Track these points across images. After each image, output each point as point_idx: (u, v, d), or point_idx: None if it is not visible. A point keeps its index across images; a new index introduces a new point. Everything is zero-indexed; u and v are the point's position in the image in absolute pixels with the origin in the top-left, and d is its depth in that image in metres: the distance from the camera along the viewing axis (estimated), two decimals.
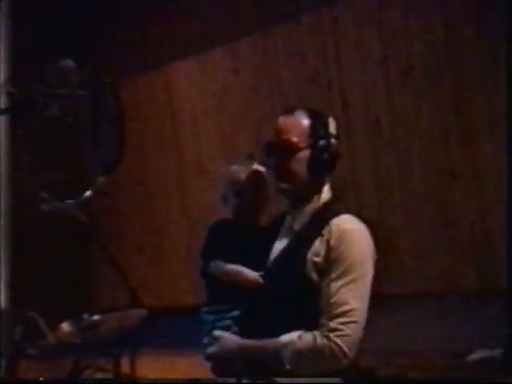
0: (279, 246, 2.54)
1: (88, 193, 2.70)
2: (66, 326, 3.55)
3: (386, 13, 4.61)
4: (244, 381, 2.29)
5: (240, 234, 2.66)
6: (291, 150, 2.47)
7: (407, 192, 4.50)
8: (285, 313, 2.37)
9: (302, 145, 2.47)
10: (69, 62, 2.39)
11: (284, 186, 2.48)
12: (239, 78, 5.36)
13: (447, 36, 4.36)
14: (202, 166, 5.65)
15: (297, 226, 2.51)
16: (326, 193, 2.55)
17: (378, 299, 4.70)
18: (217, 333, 2.47)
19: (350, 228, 2.42)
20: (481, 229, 4.22)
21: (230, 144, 5.41)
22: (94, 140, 2.72)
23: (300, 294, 2.37)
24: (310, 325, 2.32)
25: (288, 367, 2.27)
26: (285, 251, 2.50)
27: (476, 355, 3.87)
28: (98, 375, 3.43)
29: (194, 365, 4.08)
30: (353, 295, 2.34)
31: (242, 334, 2.45)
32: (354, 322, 2.31)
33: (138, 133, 5.77)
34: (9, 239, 6.10)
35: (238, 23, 5.42)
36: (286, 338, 2.30)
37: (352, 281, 2.35)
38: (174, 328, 5.05)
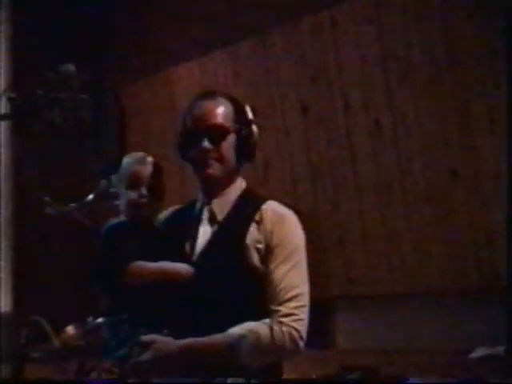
0: (203, 237, 2.38)
1: (90, 196, 2.73)
2: (70, 329, 3.57)
3: (385, 13, 4.62)
4: (253, 381, 2.13)
5: (142, 234, 2.47)
6: (222, 134, 2.37)
7: (408, 191, 4.51)
8: (224, 305, 2.24)
9: (230, 129, 2.38)
10: (70, 67, 2.41)
11: (214, 172, 2.36)
12: (239, 80, 5.37)
13: (446, 36, 4.36)
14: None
15: (220, 215, 2.39)
16: (243, 180, 2.47)
17: (380, 299, 4.74)
18: (146, 337, 2.19)
19: (286, 212, 2.35)
20: (481, 228, 4.22)
21: None
22: (96, 144, 2.74)
23: (242, 283, 2.25)
24: (253, 313, 2.21)
25: (246, 360, 2.14)
26: (214, 241, 2.35)
27: (477, 353, 3.87)
28: (104, 377, 3.44)
29: None
30: (299, 279, 2.27)
31: (174, 336, 2.21)
32: (305, 305, 2.25)
33: (139, 135, 5.78)
34: (13, 243, 6.12)
35: (238, 26, 5.42)
36: (236, 330, 2.16)
37: (296, 264, 2.29)
38: None
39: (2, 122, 2.22)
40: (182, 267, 2.29)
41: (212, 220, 2.39)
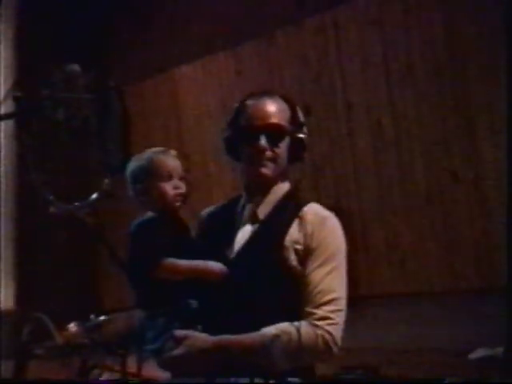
0: (243, 236, 2.39)
1: (94, 195, 2.75)
2: (73, 327, 3.59)
3: (387, 14, 4.64)
4: (257, 380, 2.12)
5: (176, 228, 2.49)
6: (280, 134, 2.38)
7: (408, 192, 4.52)
8: (259, 304, 2.24)
9: (288, 130, 2.40)
10: (74, 67, 2.42)
11: (268, 172, 2.37)
12: (242, 80, 5.39)
13: (448, 36, 4.38)
14: (207, 167, 5.68)
15: (262, 214, 2.39)
16: (288, 181, 2.49)
17: (380, 298, 4.75)
18: (179, 332, 2.22)
19: (328, 215, 2.36)
20: (481, 228, 4.23)
21: None
22: (100, 143, 2.76)
23: (278, 283, 2.25)
24: (290, 314, 2.21)
25: (278, 360, 2.13)
26: (254, 240, 2.36)
27: (477, 354, 3.88)
28: (106, 375, 3.46)
29: None
30: (337, 283, 2.26)
31: (208, 332, 2.23)
32: (341, 310, 2.25)
33: (143, 135, 5.80)
34: (16, 241, 6.16)
35: (241, 27, 5.45)
36: (270, 330, 2.16)
37: (335, 268, 2.28)
38: None
39: (6, 120, 2.23)
40: (216, 266, 2.30)
41: (253, 219, 2.40)
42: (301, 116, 2.45)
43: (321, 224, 2.32)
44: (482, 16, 4.23)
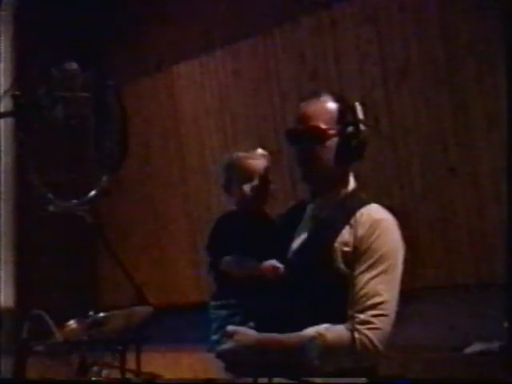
0: (301, 235, 2.41)
1: (92, 193, 2.76)
2: (72, 324, 3.61)
3: (384, 12, 4.66)
4: (260, 380, 2.13)
5: (250, 225, 2.54)
6: (319, 137, 2.35)
7: (406, 190, 4.54)
8: (309, 305, 2.24)
9: (331, 132, 2.36)
10: (72, 65, 2.44)
11: (311, 174, 2.37)
12: (240, 78, 5.41)
13: (445, 34, 4.39)
14: (205, 165, 5.70)
15: (321, 215, 2.39)
16: (351, 181, 2.45)
17: None
18: (230, 328, 2.29)
19: (381, 218, 2.34)
20: (478, 225, 4.25)
21: (232, 143, 5.45)
22: (98, 141, 2.77)
23: (326, 285, 2.25)
24: (337, 317, 2.20)
25: (315, 362, 2.13)
26: (309, 241, 2.37)
27: (474, 348, 3.90)
28: (105, 371, 3.48)
29: (198, 361, 4.14)
30: (384, 287, 2.23)
31: (259, 329, 2.29)
32: (386, 315, 2.22)
33: (140, 134, 5.83)
34: (15, 239, 6.17)
35: (238, 25, 5.46)
36: (311, 331, 2.17)
37: (383, 272, 2.25)
38: (179, 325, 5.09)
39: (4, 119, 2.25)
40: (271, 266, 2.34)
41: (312, 219, 2.42)
42: (358, 113, 2.38)
43: (371, 227, 2.29)
44: (479, 13, 4.23)
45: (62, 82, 2.39)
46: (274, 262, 2.36)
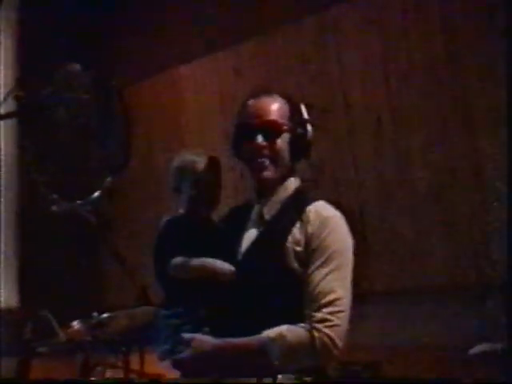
0: (249, 236, 2.38)
1: (96, 193, 2.77)
2: (76, 324, 3.61)
3: (387, 14, 4.66)
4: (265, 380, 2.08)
5: (199, 228, 2.52)
6: (277, 131, 2.35)
7: (408, 190, 4.54)
8: (263, 306, 2.22)
9: (285, 128, 2.37)
10: (75, 66, 2.44)
11: (269, 174, 2.35)
12: (241, 79, 5.41)
13: (446, 35, 4.39)
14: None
15: (268, 215, 2.37)
16: (296, 179, 2.45)
17: (380, 295, 4.76)
18: (187, 335, 2.23)
19: (330, 215, 2.32)
20: (481, 225, 4.25)
21: None
22: (102, 142, 2.78)
23: (280, 285, 2.23)
24: (292, 317, 2.19)
25: (276, 363, 2.10)
26: (258, 241, 2.35)
27: (476, 349, 3.89)
28: (108, 372, 3.48)
29: None
30: (338, 283, 2.23)
31: (214, 334, 2.24)
32: (342, 311, 2.21)
33: (144, 134, 5.83)
34: (19, 239, 6.18)
35: (240, 26, 5.47)
36: (271, 332, 2.14)
37: (336, 268, 2.24)
38: None
39: (7, 119, 2.25)
40: (223, 267, 2.30)
41: (260, 219, 2.39)
42: (304, 113, 2.42)
43: (321, 224, 2.28)
44: (481, 15, 4.24)
45: (65, 83, 2.40)
46: (224, 264, 2.32)
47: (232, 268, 2.30)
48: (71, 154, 5.95)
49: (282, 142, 2.37)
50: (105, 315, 3.53)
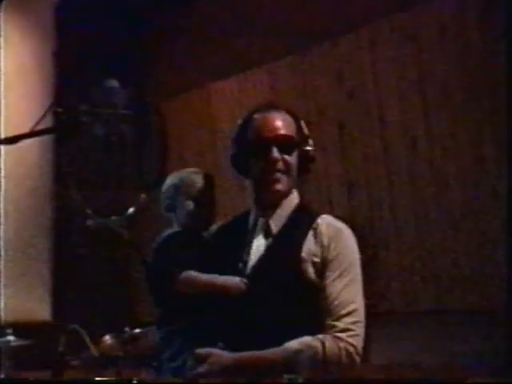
0: (258, 250, 2.36)
1: (131, 209, 2.79)
2: (108, 339, 3.63)
3: (424, 32, 4.63)
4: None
5: (199, 244, 2.52)
6: (292, 145, 2.39)
7: (444, 210, 4.50)
8: (279, 318, 2.22)
9: (297, 142, 2.42)
10: (113, 83, 2.46)
11: (282, 187, 2.37)
12: (277, 97, 5.41)
13: (484, 57, 4.35)
14: (241, 180, 5.70)
15: (275, 228, 2.37)
16: (297, 194, 2.48)
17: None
18: (202, 350, 2.19)
19: (343, 227, 2.37)
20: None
21: None
22: (137, 158, 2.80)
23: (297, 296, 2.25)
24: (310, 327, 2.20)
25: (305, 375, 2.02)
26: (270, 254, 2.33)
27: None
28: None
29: None
30: (355, 294, 2.26)
31: (231, 349, 2.21)
32: (361, 321, 2.24)
33: (178, 151, 5.85)
34: (53, 253, 6.23)
35: (277, 43, 5.48)
36: (294, 344, 2.15)
37: (353, 280, 2.27)
38: None
39: (47, 135, 2.27)
40: (235, 281, 2.29)
41: (267, 233, 2.39)
42: (305, 129, 2.46)
43: (336, 236, 2.32)
44: None
45: (103, 99, 2.42)
46: (236, 279, 2.30)
47: (242, 283, 2.29)
48: (107, 170, 6.01)
49: (294, 156, 2.40)
50: (137, 330, 3.55)
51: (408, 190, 4.69)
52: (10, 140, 2.14)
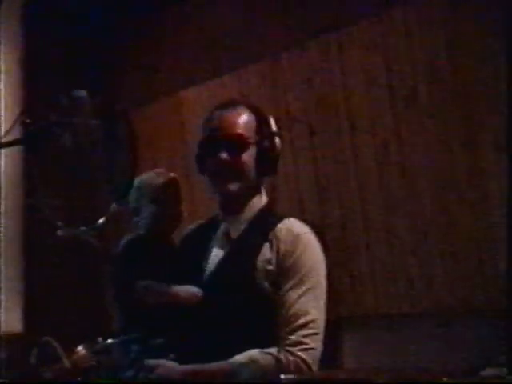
0: (216, 256, 2.28)
1: (102, 219, 2.77)
2: (81, 350, 3.60)
3: (391, 38, 4.67)
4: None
5: (160, 248, 2.44)
6: (242, 144, 2.25)
7: (414, 214, 4.53)
8: (232, 329, 2.13)
9: (250, 141, 2.28)
10: (81, 92, 2.44)
11: (233, 187, 2.26)
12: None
13: (452, 60, 4.39)
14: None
15: (235, 233, 2.27)
16: (264, 196, 2.35)
17: (388, 318, 4.73)
18: (151, 362, 2.17)
19: (302, 232, 2.23)
20: (486, 248, 4.22)
21: None
22: (107, 168, 2.78)
23: (250, 307, 2.14)
24: (263, 340, 2.10)
25: None
26: (226, 261, 2.25)
27: (484, 373, 3.86)
28: None
29: None
30: (312, 305, 2.13)
31: (181, 361, 2.17)
32: (317, 333, 2.12)
33: (149, 158, 5.84)
34: (23, 263, 6.18)
35: (245, 51, 5.49)
36: (242, 357, 2.06)
37: (310, 289, 2.14)
38: None
39: (14, 146, 2.26)
40: (189, 292, 2.23)
41: (227, 238, 2.30)
42: (272, 126, 2.32)
43: (293, 242, 2.18)
44: (485, 36, 4.23)
45: (72, 108, 2.41)
46: (191, 288, 2.23)
47: (199, 292, 2.21)
48: (76, 180, 5.98)
49: (248, 156, 2.28)
50: (110, 340, 3.52)
51: (379, 193, 4.71)
52: None
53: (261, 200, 2.35)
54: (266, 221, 2.26)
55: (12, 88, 5.98)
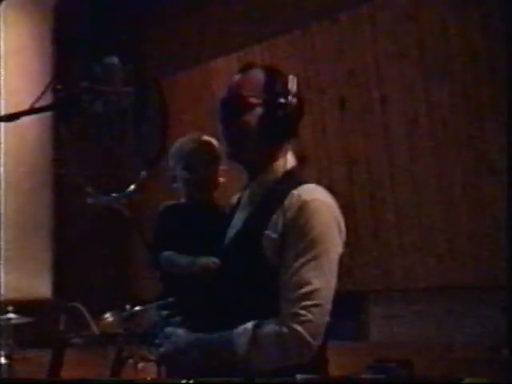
0: (236, 224, 2.18)
1: (131, 187, 2.77)
2: (108, 317, 3.63)
3: (424, 10, 4.61)
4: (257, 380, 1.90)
5: (194, 217, 2.36)
6: (242, 106, 2.12)
7: (443, 186, 4.50)
8: (242, 300, 2.04)
9: (253, 101, 2.12)
10: (113, 59, 2.42)
11: (234, 150, 2.15)
12: None
13: (485, 31, 4.33)
14: None
15: (255, 200, 2.15)
16: (288, 160, 2.17)
17: (415, 292, 4.72)
18: (168, 330, 2.13)
19: (311, 198, 2.05)
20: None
21: None
22: (138, 136, 2.78)
23: (257, 277, 2.04)
24: (271, 311, 1.99)
25: (247, 362, 1.95)
26: (241, 229, 2.14)
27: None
28: (141, 364, 3.50)
29: None
30: (315, 274, 1.97)
31: (195, 328, 2.11)
32: (318, 304, 1.97)
33: (178, 129, 5.83)
34: (53, 232, 6.23)
35: (277, 21, 5.45)
36: (241, 327, 1.98)
37: (314, 257, 1.99)
38: None
39: (45, 112, 2.24)
40: (204, 263, 2.18)
41: (247, 204, 2.20)
42: (289, 85, 2.13)
43: (300, 209, 2.02)
44: None
45: (102, 76, 2.38)
46: (208, 259, 2.17)
47: (214, 263, 2.14)
48: (108, 148, 6.00)
49: (251, 117, 2.12)
50: (137, 308, 3.55)
51: (409, 167, 4.68)
52: (10, 117, 2.10)
53: (285, 164, 2.17)
54: (287, 185, 2.11)
55: (44, 56, 6.02)
